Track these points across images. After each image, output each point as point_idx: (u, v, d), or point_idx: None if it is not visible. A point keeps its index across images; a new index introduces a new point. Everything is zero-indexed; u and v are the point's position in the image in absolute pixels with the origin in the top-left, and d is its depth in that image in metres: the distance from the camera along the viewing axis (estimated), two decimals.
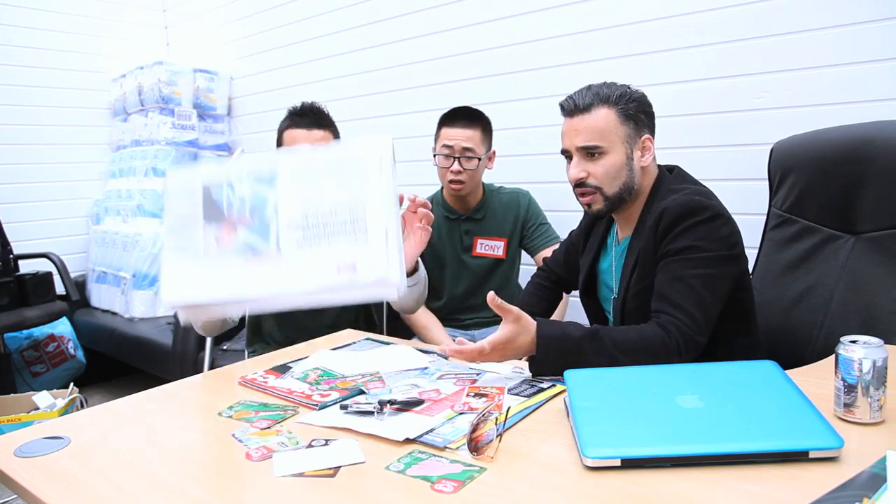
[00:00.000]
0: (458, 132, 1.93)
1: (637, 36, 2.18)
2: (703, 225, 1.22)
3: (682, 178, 1.38)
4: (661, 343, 1.15)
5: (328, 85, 3.17)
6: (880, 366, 0.87)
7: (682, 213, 1.23)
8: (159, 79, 3.48)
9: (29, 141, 3.56)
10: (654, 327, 1.18)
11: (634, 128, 1.30)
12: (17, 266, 3.00)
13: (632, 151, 1.31)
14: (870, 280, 1.34)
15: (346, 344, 1.49)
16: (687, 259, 1.21)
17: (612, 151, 1.29)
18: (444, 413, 1.02)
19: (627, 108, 1.30)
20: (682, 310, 1.18)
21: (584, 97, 1.30)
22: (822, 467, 0.77)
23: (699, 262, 1.21)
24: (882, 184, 1.33)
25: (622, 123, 1.29)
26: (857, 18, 1.77)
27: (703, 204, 1.24)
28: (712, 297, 1.21)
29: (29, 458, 0.95)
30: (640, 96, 1.33)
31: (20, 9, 3.51)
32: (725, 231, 1.24)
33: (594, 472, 0.81)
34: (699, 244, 1.21)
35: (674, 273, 1.22)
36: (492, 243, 2.05)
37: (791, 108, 1.91)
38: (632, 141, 1.31)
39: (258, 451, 0.93)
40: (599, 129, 1.28)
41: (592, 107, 1.29)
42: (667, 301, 1.20)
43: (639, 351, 1.14)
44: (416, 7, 2.79)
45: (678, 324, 1.17)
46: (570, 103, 1.32)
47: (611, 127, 1.29)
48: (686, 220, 1.22)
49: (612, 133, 1.29)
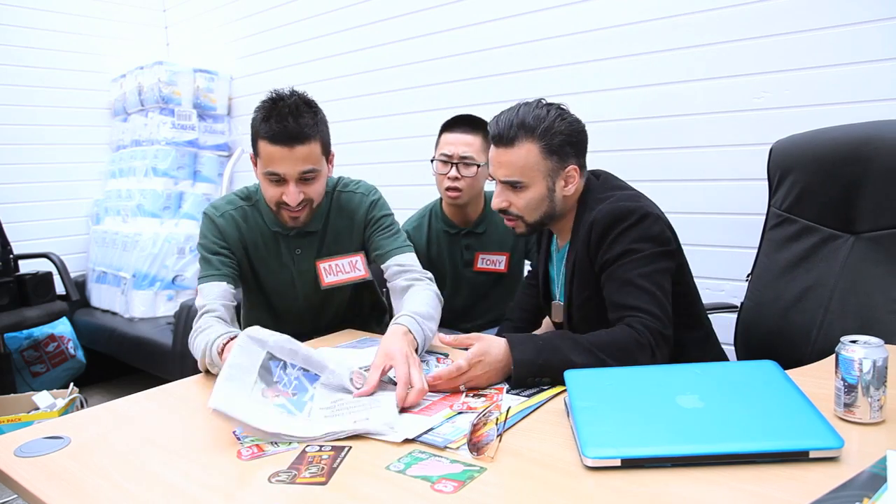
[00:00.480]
0: (457, 138, 1.84)
1: (637, 36, 2.18)
2: (634, 228, 1.24)
3: (608, 184, 1.38)
4: (633, 340, 1.16)
5: (328, 85, 3.17)
6: (880, 366, 0.87)
7: (611, 222, 1.25)
8: (159, 79, 3.48)
9: (29, 141, 3.56)
10: (622, 328, 1.19)
11: (558, 161, 1.29)
12: (17, 266, 3.00)
13: (554, 184, 1.31)
14: (869, 280, 1.34)
15: (348, 343, 1.49)
16: (627, 262, 1.23)
17: (533, 186, 1.29)
18: (444, 413, 1.02)
19: (552, 143, 1.27)
20: (640, 310, 1.19)
21: (509, 127, 1.27)
22: (822, 467, 0.77)
23: (639, 262, 1.23)
24: (881, 183, 1.33)
25: (545, 158, 1.28)
26: (857, 18, 1.77)
27: (629, 208, 1.26)
28: (662, 292, 1.23)
29: (29, 458, 0.95)
30: (567, 127, 1.29)
31: (20, 9, 3.51)
32: (656, 229, 1.25)
33: (594, 472, 0.81)
34: (634, 246, 1.23)
35: (620, 279, 1.23)
36: (493, 258, 1.95)
37: (791, 108, 1.91)
38: (554, 174, 1.30)
39: (249, 451, 0.93)
40: (520, 167, 1.28)
41: (516, 140, 1.27)
42: (622, 307, 1.21)
43: (611, 347, 1.14)
44: (416, 7, 2.79)
45: (643, 321, 1.18)
46: (496, 130, 1.29)
47: (532, 163, 1.28)
48: (616, 228, 1.25)
49: (534, 169, 1.28)
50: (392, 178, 2.83)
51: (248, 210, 1.52)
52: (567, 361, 1.10)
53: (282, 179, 1.38)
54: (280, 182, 1.38)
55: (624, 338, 1.16)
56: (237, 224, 1.49)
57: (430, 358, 1.31)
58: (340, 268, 1.55)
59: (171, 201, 3.47)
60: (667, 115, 2.15)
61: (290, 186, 1.37)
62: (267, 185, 1.41)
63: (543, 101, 1.32)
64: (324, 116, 1.44)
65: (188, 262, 3.38)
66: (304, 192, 1.40)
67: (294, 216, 1.43)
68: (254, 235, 1.51)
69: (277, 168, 1.36)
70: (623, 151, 2.24)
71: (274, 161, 1.36)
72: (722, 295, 2.06)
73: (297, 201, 1.38)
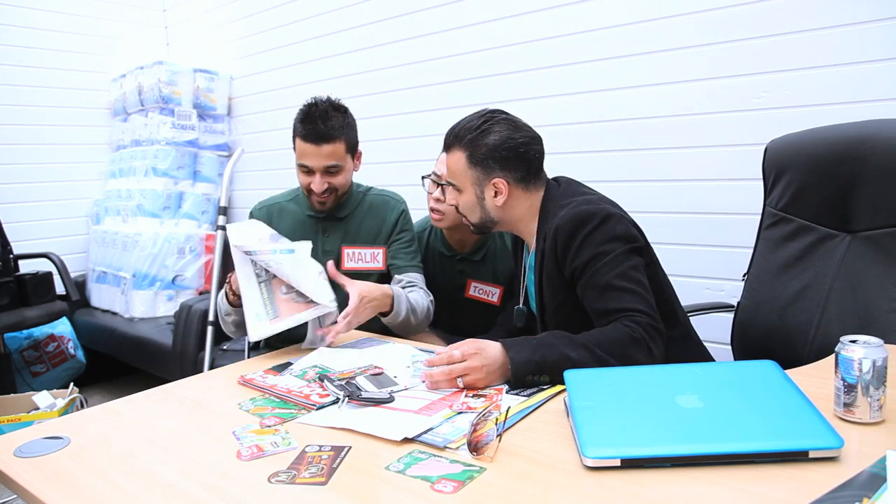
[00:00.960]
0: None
1: (637, 36, 2.18)
2: (598, 230, 1.25)
3: (568, 190, 1.40)
4: (627, 336, 1.16)
5: (328, 85, 3.17)
6: (880, 365, 0.87)
7: (574, 227, 1.26)
8: (159, 79, 3.48)
9: (29, 141, 3.56)
10: (615, 325, 1.19)
11: (482, 171, 1.36)
12: (17, 266, 3.00)
13: (483, 192, 1.38)
14: (866, 279, 1.34)
15: (348, 343, 1.49)
16: (600, 267, 1.24)
17: (464, 190, 1.40)
18: (443, 413, 1.02)
19: (475, 153, 1.35)
20: (626, 310, 1.19)
21: (449, 134, 1.40)
22: (822, 467, 0.77)
23: (611, 264, 1.23)
24: (877, 182, 1.33)
25: (470, 168, 1.37)
26: (858, 18, 1.77)
27: (590, 212, 1.27)
28: (642, 287, 1.23)
29: (29, 458, 0.95)
30: (494, 141, 1.34)
31: (20, 9, 3.50)
32: (620, 228, 1.27)
33: (594, 472, 0.81)
34: (602, 249, 1.24)
35: (597, 286, 1.24)
36: (486, 288, 1.87)
37: (791, 108, 1.91)
38: (481, 183, 1.37)
39: (249, 451, 0.93)
40: (452, 170, 1.40)
41: (451, 147, 1.39)
42: (608, 313, 1.22)
43: (606, 343, 1.15)
44: (416, 7, 2.79)
45: (633, 318, 1.18)
46: (447, 134, 1.41)
47: (460, 170, 1.38)
48: (581, 232, 1.26)
49: (462, 175, 1.38)
50: (392, 178, 2.83)
51: (286, 204, 1.80)
52: (564, 357, 1.11)
53: (310, 171, 1.66)
54: (309, 173, 1.66)
55: (618, 334, 1.17)
56: (270, 214, 1.79)
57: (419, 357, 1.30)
58: (361, 256, 1.74)
59: (171, 201, 3.47)
60: (666, 115, 2.15)
61: (316, 177, 1.65)
62: (300, 174, 1.70)
63: (491, 112, 1.38)
64: (352, 120, 1.70)
65: (188, 262, 3.38)
66: (329, 182, 1.66)
67: (321, 201, 1.70)
68: (285, 223, 1.76)
69: (307, 161, 1.65)
70: (623, 151, 2.24)
71: (305, 155, 1.65)
72: (722, 295, 2.05)
73: (321, 189, 1.66)
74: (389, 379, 1.20)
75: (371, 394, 1.11)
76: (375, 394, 1.12)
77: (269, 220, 1.70)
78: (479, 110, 1.41)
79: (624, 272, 1.23)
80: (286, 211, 1.79)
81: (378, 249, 1.74)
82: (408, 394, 1.13)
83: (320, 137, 1.61)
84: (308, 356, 1.36)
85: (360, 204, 1.78)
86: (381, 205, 1.80)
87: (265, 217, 1.76)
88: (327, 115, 1.62)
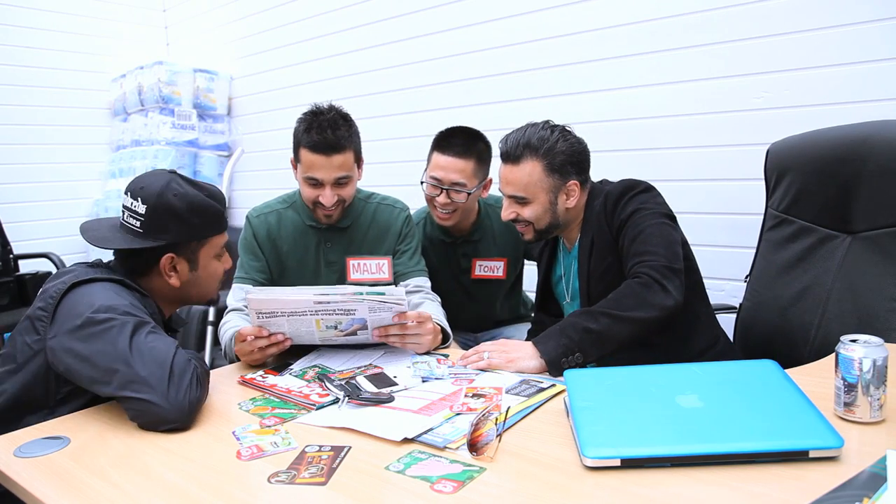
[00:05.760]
0: (449, 163, 1.72)
1: (637, 36, 2.18)
2: (643, 193, 1.40)
3: (602, 182, 1.52)
4: (637, 284, 1.26)
5: (328, 85, 3.17)
6: (880, 365, 0.87)
7: (623, 191, 1.41)
8: (159, 79, 3.48)
9: (29, 141, 3.56)
10: (626, 282, 1.29)
11: (559, 178, 1.41)
12: (17, 266, 3.00)
13: (556, 198, 1.43)
14: (866, 279, 1.34)
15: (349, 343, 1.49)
16: (639, 218, 1.36)
17: (536, 201, 1.42)
18: (443, 413, 1.02)
19: (553, 161, 1.40)
20: (648, 253, 1.30)
21: (516, 146, 1.41)
22: (822, 467, 0.77)
23: (649, 216, 1.36)
24: (877, 183, 1.33)
25: (547, 176, 1.40)
26: (858, 18, 1.77)
27: (637, 181, 1.43)
28: (671, 237, 1.34)
29: (29, 458, 0.95)
30: (569, 147, 1.41)
31: (20, 9, 3.51)
32: (661, 199, 1.42)
33: (594, 472, 0.81)
34: (644, 206, 1.38)
35: (633, 232, 1.35)
36: (491, 264, 1.92)
37: (791, 108, 1.91)
38: (556, 189, 1.42)
39: (248, 451, 0.93)
40: (525, 184, 1.41)
41: (521, 158, 1.40)
42: (636, 255, 1.32)
43: (620, 301, 1.24)
44: (416, 7, 2.79)
45: (647, 262, 1.28)
46: (504, 148, 1.43)
47: (535, 180, 1.40)
48: (627, 194, 1.40)
49: (537, 186, 1.41)
50: (392, 178, 2.82)
51: (284, 212, 1.68)
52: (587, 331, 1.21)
53: (319, 183, 1.54)
54: (317, 185, 1.55)
55: (628, 288, 1.27)
56: (268, 224, 1.65)
57: (430, 359, 1.31)
58: (367, 267, 1.68)
59: None
60: (667, 115, 2.15)
61: (326, 190, 1.54)
62: (305, 187, 1.58)
63: (550, 122, 1.44)
64: (357, 128, 1.61)
65: None
66: (339, 195, 1.56)
67: (328, 214, 1.59)
68: (286, 232, 1.65)
69: (316, 174, 1.53)
70: (623, 151, 2.24)
71: (313, 167, 1.52)
72: (722, 295, 2.05)
73: (331, 202, 1.55)
74: (389, 379, 1.20)
75: (371, 394, 1.11)
76: (375, 394, 1.12)
77: (267, 230, 1.63)
78: (530, 122, 1.44)
79: (656, 224, 1.34)
80: (285, 218, 1.67)
81: (383, 260, 1.68)
82: (408, 394, 1.13)
83: (331, 147, 1.50)
84: (308, 356, 1.36)
85: (362, 212, 1.68)
86: (385, 214, 1.71)
87: (263, 227, 1.65)
88: (336, 123, 1.52)
